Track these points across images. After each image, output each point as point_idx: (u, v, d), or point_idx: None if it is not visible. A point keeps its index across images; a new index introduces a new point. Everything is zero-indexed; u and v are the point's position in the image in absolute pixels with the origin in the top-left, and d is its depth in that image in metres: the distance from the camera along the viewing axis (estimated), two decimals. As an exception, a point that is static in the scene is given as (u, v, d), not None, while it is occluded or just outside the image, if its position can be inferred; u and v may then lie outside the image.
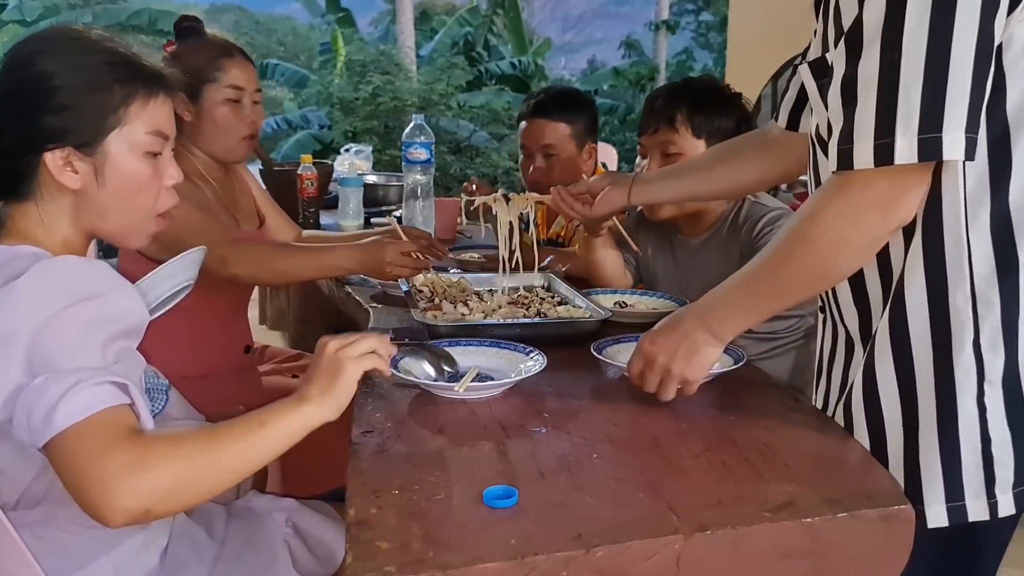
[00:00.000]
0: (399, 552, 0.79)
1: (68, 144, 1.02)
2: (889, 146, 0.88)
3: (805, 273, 1.02)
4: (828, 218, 0.96)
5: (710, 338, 1.11)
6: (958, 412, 0.96)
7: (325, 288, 2.09)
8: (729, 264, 1.71)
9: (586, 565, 0.81)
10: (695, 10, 19.31)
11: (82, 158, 1.03)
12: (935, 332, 0.97)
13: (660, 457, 1.01)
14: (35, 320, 0.89)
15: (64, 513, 1.03)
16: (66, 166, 1.03)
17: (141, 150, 1.07)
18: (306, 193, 2.48)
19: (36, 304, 0.91)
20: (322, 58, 13.47)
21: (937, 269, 0.95)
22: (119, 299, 0.98)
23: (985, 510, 0.98)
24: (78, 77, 1.02)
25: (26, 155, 1.02)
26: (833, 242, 0.97)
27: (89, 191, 1.04)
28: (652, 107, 1.75)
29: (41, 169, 1.03)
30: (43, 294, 0.92)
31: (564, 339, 1.45)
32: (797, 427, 1.12)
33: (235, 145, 1.80)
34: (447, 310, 1.54)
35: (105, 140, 1.04)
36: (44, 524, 1.03)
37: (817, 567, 0.89)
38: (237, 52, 1.81)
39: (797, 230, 1.00)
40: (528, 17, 19.01)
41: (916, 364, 0.99)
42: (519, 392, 1.22)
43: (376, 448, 1.03)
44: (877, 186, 0.92)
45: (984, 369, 0.95)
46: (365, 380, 1.24)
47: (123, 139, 1.05)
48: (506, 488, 0.90)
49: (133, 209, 1.09)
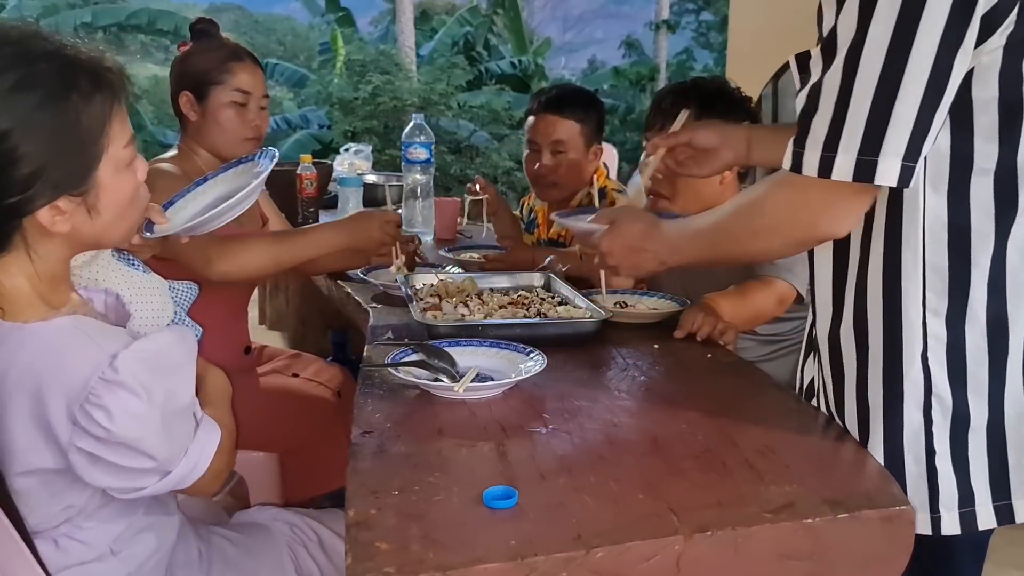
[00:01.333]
0: (399, 553, 0.79)
1: (58, 196, 0.94)
2: (831, 160, 0.89)
3: (735, 248, 1.09)
4: (767, 208, 1.01)
5: (658, 263, 1.20)
6: (903, 421, 0.98)
7: (325, 288, 2.09)
8: (734, 266, 1.71)
9: (586, 566, 0.80)
10: (695, 10, 19.30)
11: (76, 202, 0.96)
12: (887, 340, 0.99)
13: (660, 458, 1.01)
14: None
15: (86, 527, 1.05)
16: (56, 214, 0.95)
17: (124, 163, 1.01)
18: (305, 193, 2.48)
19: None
20: (322, 58, 13.46)
21: (893, 278, 0.97)
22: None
23: (927, 524, 0.99)
24: (47, 121, 0.92)
25: (11, 222, 0.95)
26: (765, 228, 1.02)
27: (82, 226, 0.98)
28: (660, 105, 1.75)
29: (25, 226, 0.95)
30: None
31: (564, 339, 1.45)
32: (798, 428, 1.12)
33: (238, 146, 1.81)
34: (447, 310, 1.54)
35: (95, 174, 0.97)
36: (68, 537, 1.04)
37: (817, 568, 0.89)
38: (247, 56, 1.83)
39: (742, 207, 1.05)
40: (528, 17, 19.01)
41: (870, 370, 1.02)
42: (519, 392, 1.22)
43: (375, 449, 1.03)
44: (814, 195, 0.94)
45: (932, 383, 0.96)
46: (365, 380, 1.25)
47: (109, 164, 0.98)
48: (506, 489, 0.90)
49: (129, 220, 1.06)
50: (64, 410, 0.92)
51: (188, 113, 1.80)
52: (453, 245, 2.35)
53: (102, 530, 1.06)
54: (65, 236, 0.98)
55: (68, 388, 0.91)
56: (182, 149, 1.84)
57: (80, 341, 0.95)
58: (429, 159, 2.40)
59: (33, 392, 0.92)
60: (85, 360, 0.92)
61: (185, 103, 1.80)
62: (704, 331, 1.44)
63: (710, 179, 1.71)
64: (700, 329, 1.44)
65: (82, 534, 1.05)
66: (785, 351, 1.79)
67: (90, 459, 0.94)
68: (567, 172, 2.21)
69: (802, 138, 0.93)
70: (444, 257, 2.16)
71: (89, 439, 0.93)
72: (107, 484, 0.98)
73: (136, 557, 1.10)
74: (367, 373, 1.27)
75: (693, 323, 1.45)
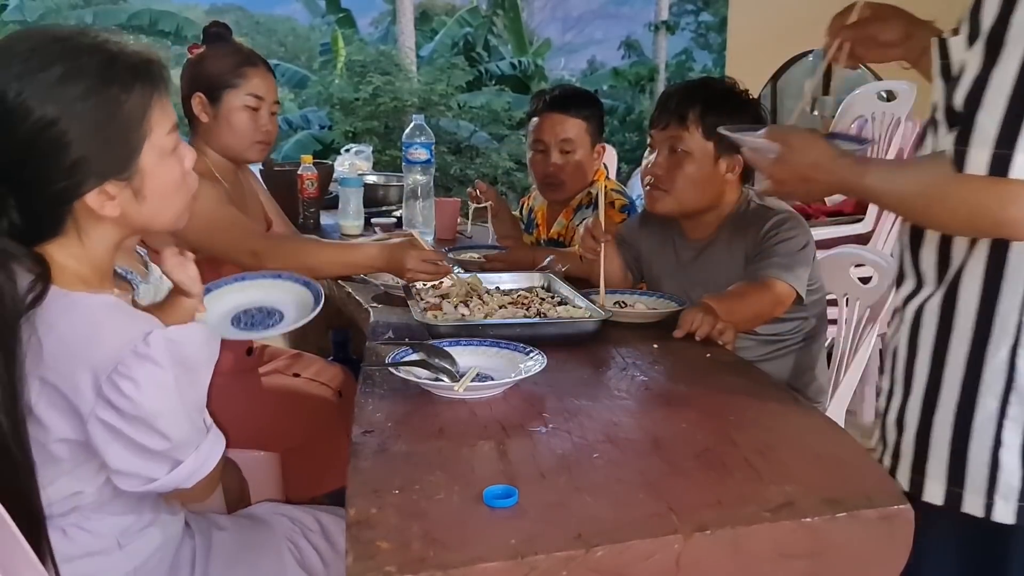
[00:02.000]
0: (399, 552, 0.79)
1: (105, 180, 0.99)
2: (1006, 158, 0.87)
3: (910, 218, 1.06)
4: (948, 202, 0.96)
5: (827, 194, 1.19)
6: (977, 406, 0.98)
7: (325, 288, 2.09)
8: (734, 266, 1.71)
9: (586, 565, 0.81)
10: (695, 10, 19.30)
11: (121, 186, 1.01)
12: (978, 325, 0.98)
13: (660, 457, 1.01)
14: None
15: (95, 518, 1.06)
16: (105, 199, 1.00)
17: (168, 150, 1.05)
18: (306, 193, 2.48)
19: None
20: (322, 58, 13.47)
21: (997, 266, 0.96)
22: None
23: (981, 507, 0.99)
24: (92, 109, 0.97)
25: (62, 207, 1.00)
26: (944, 219, 0.98)
27: (130, 211, 1.03)
28: (666, 103, 1.75)
29: (77, 210, 1.00)
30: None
31: (564, 339, 1.45)
32: (797, 427, 1.12)
33: (248, 148, 1.86)
34: (447, 310, 1.54)
35: (139, 159, 1.02)
36: (77, 527, 1.05)
37: (817, 567, 0.89)
38: (260, 62, 1.87)
39: (924, 187, 0.99)
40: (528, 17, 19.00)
41: (951, 347, 1.01)
42: (519, 392, 1.22)
43: (376, 448, 1.03)
44: (990, 195, 0.90)
45: (1015, 377, 0.96)
46: (366, 380, 1.25)
47: (152, 150, 1.03)
48: (506, 488, 0.90)
49: (175, 205, 1.09)
50: (91, 381, 0.94)
51: (200, 115, 1.82)
52: (453, 245, 2.36)
53: (110, 522, 1.07)
54: (115, 220, 1.03)
55: (99, 359, 0.94)
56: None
57: (119, 317, 1.00)
58: (429, 159, 2.40)
59: (65, 360, 0.95)
60: (121, 334, 0.96)
61: (197, 105, 1.82)
62: (703, 331, 1.44)
63: (711, 177, 1.72)
64: (699, 329, 1.44)
65: (90, 524, 1.06)
66: (785, 351, 1.79)
67: (109, 432, 0.96)
68: (575, 171, 2.22)
69: (966, 135, 0.89)
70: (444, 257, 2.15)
71: (111, 411, 0.95)
72: (120, 466, 0.98)
73: (141, 552, 1.11)
74: (368, 373, 1.27)
75: (692, 323, 1.45)
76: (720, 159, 1.71)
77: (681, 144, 1.70)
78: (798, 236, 1.68)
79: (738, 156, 1.71)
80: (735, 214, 1.76)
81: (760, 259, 1.66)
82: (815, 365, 1.84)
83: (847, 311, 1.91)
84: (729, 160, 1.71)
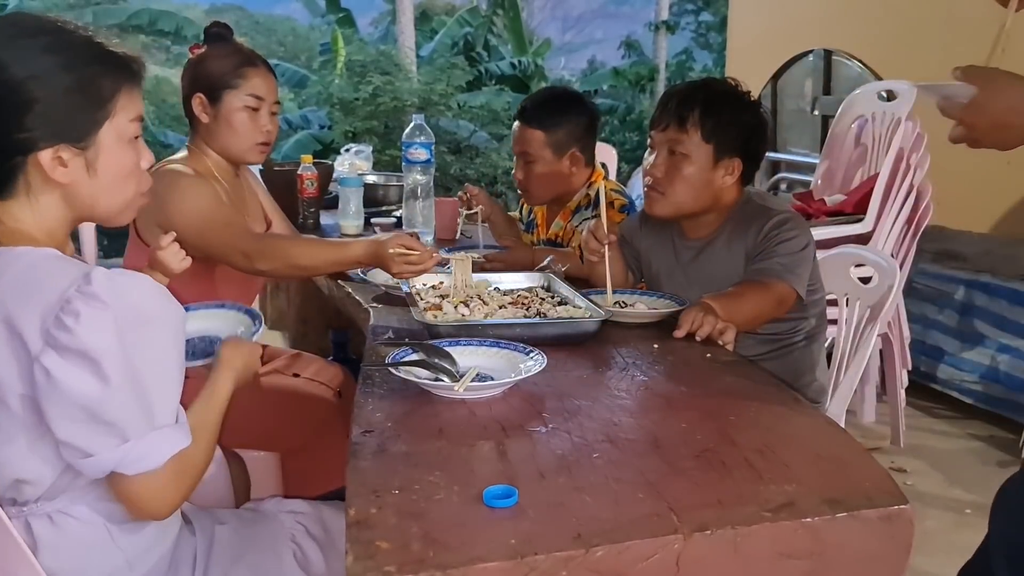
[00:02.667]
0: (399, 552, 0.79)
1: (62, 142, 1.04)
2: None
3: None
4: None
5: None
6: None
7: (325, 288, 2.09)
8: (734, 265, 1.71)
9: (586, 565, 0.81)
10: (695, 10, 19.27)
11: (75, 153, 1.05)
12: None
13: (660, 457, 1.01)
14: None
15: (81, 504, 1.06)
16: (58, 163, 1.04)
17: (128, 137, 1.10)
18: (306, 193, 2.48)
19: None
20: (322, 58, 13.45)
21: None
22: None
23: None
24: (65, 78, 1.03)
25: (15, 157, 1.04)
26: None
27: (80, 183, 1.07)
28: (666, 104, 1.75)
29: (29, 168, 1.04)
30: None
31: (564, 339, 1.45)
32: (797, 427, 1.12)
33: (248, 149, 1.86)
34: (447, 310, 1.54)
35: (98, 133, 1.06)
36: (63, 513, 1.06)
37: (817, 567, 0.89)
38: (261, 63, 1.86)
39: None
40: (528, 17, 18.99)
41: None
42: (519, 392, 1.22)
43: (376, 448, 1.03)
44: None
45: None
46: (366, 380, 1.25)
47: (112, 130, 1.07)
48: (506, 488, 0.90)
49: (123, 193, 1.12)
50: (38, 324, 0.96)
51: (200, 115, 1.82)
52: (453, 245, 2.35)
53: (98, 509, 1.07)
54: (63, 191, 1.07)
55: (45, 303, 0.96)
56: (192, 150, 1.87)
57: (63, 263, 1.03)
58: (429, 159, 2.40)
59: (12, 310, 0.97)
60: (65, 276, 0.99)
61: (197, 105, 1.82)
62: (704, 331, 1.44)
63: (709, 180, 1.71)
64: (700, 329, 1.44)
65: (77, 511, 1.06)
66: (785, 351, 1.79)
67: (49, 382, 0.95)
68: (538, 180, 2.23)
69: None
70: (444, 257, 2.15)
71: (52, 354, 0.94)
72: (62, 432, 0.97)
73: (135, 545, 1.10)
74: (368, 373, 1.27)
75: (693, 323, 1.45)
76: (719, 162, 1.70)
77: (680, 146, 1.70)
78: (798, 236, 1.68)
79: (737, 159, 1.71)
80: (735, 214, 1.76)
81: (761, 259, 1.66)
82: (815, 365, 1.84)
83: (847, 311, 1.90)
84: (728, 163, 1.71)
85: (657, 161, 1.73)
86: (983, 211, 3.91)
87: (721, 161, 1.70)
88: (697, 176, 1.70)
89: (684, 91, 1.77)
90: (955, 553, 1.44)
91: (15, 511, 1.04)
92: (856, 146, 3.39)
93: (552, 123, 2.20)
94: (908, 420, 2.94)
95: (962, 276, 3.22)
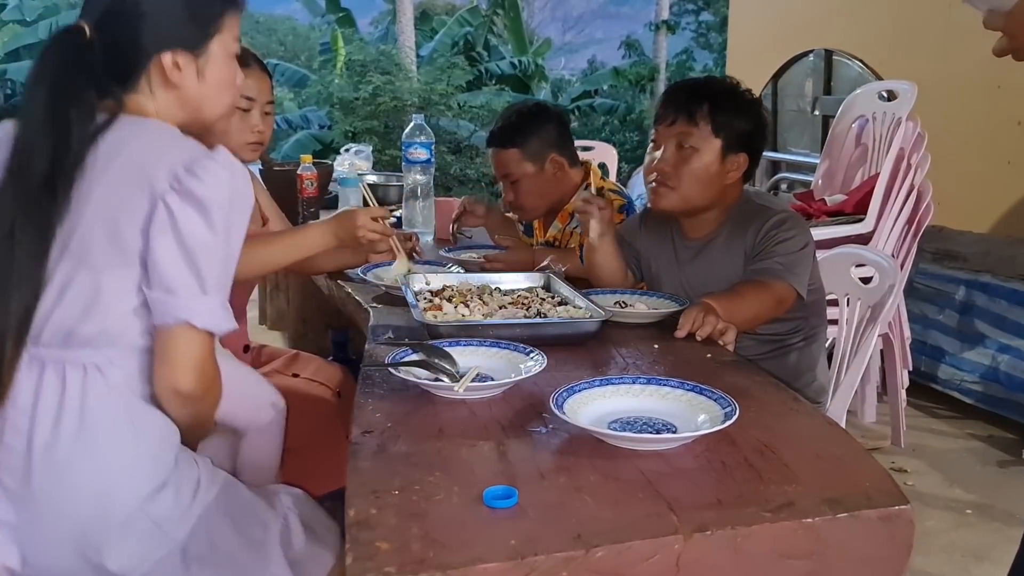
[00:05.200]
0: (399, 552, 0.79)
1: (181, 47, 1.21)
2: None
3: None
4: None
5: None
6: None
7: (325, 288, 2.09)
8: (733, 265, 1.71)
9: (586, 565, 0.81)
10: (695, 10, 19.27)
11: (190, 59, 1.22)
12: None
13: (660, 457, 1.01)
14: None
15: (117, 367, 1.15)
16: (175, 66, 1.21)
17: (231, 52, 1.27)
18: (306, 193, 2.48)
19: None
20: (322, 58, 13.45)
21: None
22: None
23: None
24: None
25: (141, 56, 1.20)
26: None
27: (191, 87, 1.23)
28: (672, 99, 1.74)
29: (151, 68, 1.20)
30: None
31: (564, 339, 1.45)
32: (797, 427, 1.12)
33: (240, 149, 1.84)
34: (447, 310, 1.54)
35: (209, 44, 1.24)
36: (97, 370, 1.13)
37: (817, 568, 0.89)
38: (254, 62, 1.85)
39: None
40: (528, 17, 19.00)
41: None
42: (519, 392, 1.22)
43: (376, 448, 1.03)
44: None
45: None
46: (366, 380, 1.25)
47: (220, 43, 1.25)
48: (506, 488, 0.90)
49: (224, 100, 1.29)
50: (167, 170, 1.10)
51: None
52: (453, 245, 2.36)
53: (130, 377, 1.15)
54: (176, 93, 1.23)
55: (176, 156, 1.12)
56: None
57: (186, 136, 1.20)
58: (429, 159, 2.40)
59: (146, 159, 1.13)
60: (192, 142, 1.17)
61: None
62: (705, 331, 1.44)
63: (717, 174, 1.71)
64: (701, 329, 1.44)
65: (111, 373, 1.14)
66: (785, 351, 1.79)
67: (168, 216, 1.09)
68: (527, 197, 2.24)
69: None
70: (444, 257, 2.16)
71: (175, 196, 1.09)
72: (162, 264, 1.09)
73: (147, 434, 1.16)
74: (367, 373, 1.27)
75: (693, 323, 1.45)
76: (727, 157, 1.70)
77: (689, 140, 1.69)
78: (798, 236, 1.68)
79: (743, 154, 1.71)
80: (734, 214, 1.76)
81: (760, 259, 1.66)
82: (815, 365, 1.84)
83: (848, 311, 1.90)
84: (735, 159, 1.71)
85: (665, 155, 1.72)
86: (983, 211, 3.90)
87: (728, 156, 1.70)
88: (706, 170, 1.70)
89: (691, 86, 1.77)
90: (955, 553, 1.44)
91: (56, 354, 1.12)
92: (856, 146, 3.39)
93: (522, 138, 2.20)
94: (908, 420, 2.94)
95: (962, 276, 3.22)
